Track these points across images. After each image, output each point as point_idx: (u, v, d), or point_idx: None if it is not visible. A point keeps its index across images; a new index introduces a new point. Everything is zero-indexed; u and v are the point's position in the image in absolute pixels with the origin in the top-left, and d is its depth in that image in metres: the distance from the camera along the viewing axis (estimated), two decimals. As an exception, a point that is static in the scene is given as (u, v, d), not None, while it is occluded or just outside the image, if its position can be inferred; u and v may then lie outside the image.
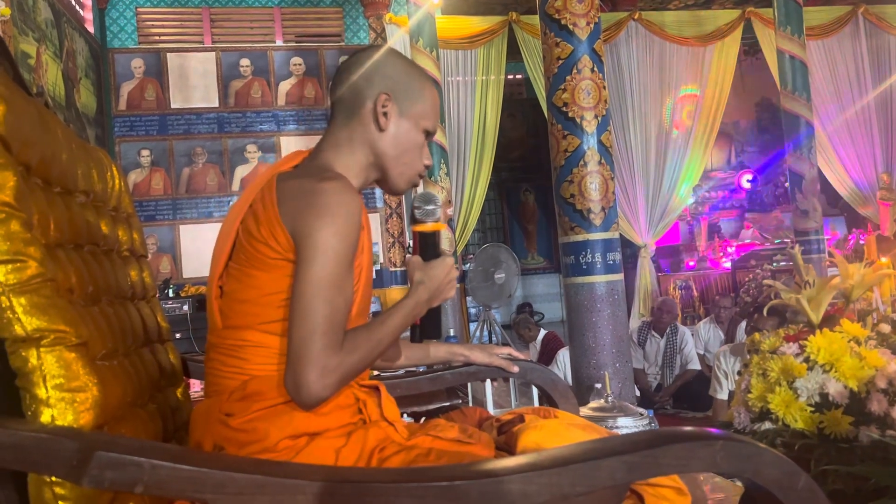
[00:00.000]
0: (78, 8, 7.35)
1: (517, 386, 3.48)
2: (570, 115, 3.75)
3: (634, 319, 6.61)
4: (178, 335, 5.42)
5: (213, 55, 8.24)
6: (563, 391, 1.62)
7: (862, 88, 7.79)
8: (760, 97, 10.65)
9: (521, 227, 11.91)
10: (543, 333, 6.33)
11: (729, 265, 7.92)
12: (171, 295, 6.30)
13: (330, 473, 0.79)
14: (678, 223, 8.59)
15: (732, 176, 10.24)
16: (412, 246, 1.31)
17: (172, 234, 7.99)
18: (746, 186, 10.11)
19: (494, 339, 6.49)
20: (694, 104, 7.50)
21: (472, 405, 2.38)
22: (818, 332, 1.40)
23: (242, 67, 8.28)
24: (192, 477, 0.73)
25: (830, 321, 1.51)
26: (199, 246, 7.67)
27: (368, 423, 1.12)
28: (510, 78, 9.19)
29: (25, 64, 5.60)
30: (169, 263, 7.87)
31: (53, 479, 0.78)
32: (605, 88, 3.80)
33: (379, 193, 8.50)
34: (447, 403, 2.63)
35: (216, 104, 8.20)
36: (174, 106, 8.10)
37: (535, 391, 2.71)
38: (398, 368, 1.55)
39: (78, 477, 0.70)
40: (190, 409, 1.38)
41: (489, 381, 2.76)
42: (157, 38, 8.18)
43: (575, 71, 3.72)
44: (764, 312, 1.70)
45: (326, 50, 8.35)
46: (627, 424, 2.06)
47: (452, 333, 5.46)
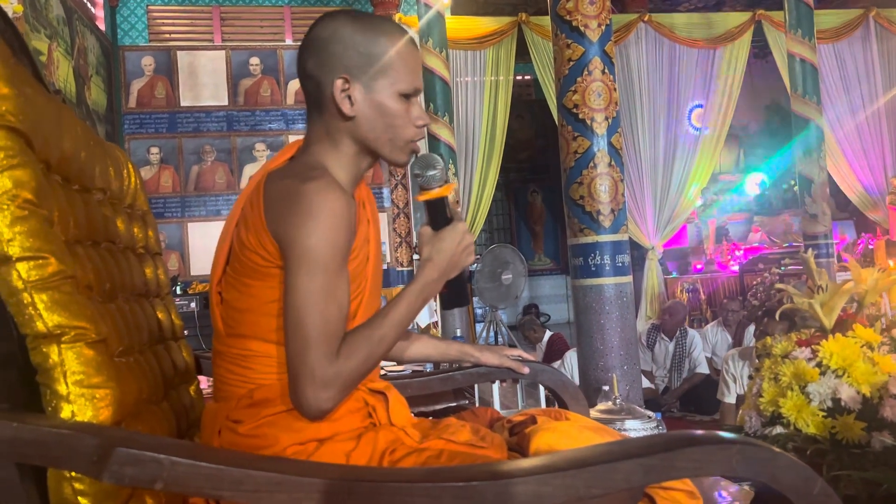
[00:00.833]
0: (89, 5, 7.38)
1: (524, 387, 3.48)
2: (580, 116, 3.75)
3: (641, 322, 6.59)
4: (185, 332, 5.43)
5: (222, 53, 8.27)
6: (573, 393, 1.61)
7: (872, 92, 7.75)
8: (770, 100, 10.61)
9: (528, 228, 11.90)
10: (549, 335, 6.32)
11: (737, 268, 7.89)
12: (178, 292, 6.33)
13: (346, 472, 0.79)
14: (686, 226, 8.56)
15: (741, 179, 10.21)
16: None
17: (181, 231, 8.02)
18: (755, 189, 10.07)
19: (501, 339, 6.49)
20: (703, 106, 7.47)
21: (478, 406, 2.38)
22: (831, 336, 1.40)
23: (252, 66, 8.30)
24: (210, 474, 0.73)
25: (842, 326, 1.51)
26: (207, 244, 7.68)
27: (379, 426, 1.11)
28: (519, 79, 9.19)
29: (37, 61, 5.63)
30: (177, 261, 7.90)
31: (73, 474, 0.78)
32: (615, 90, 3.80)
33: (386, 193, 8.51)
34: (454, 404, 2.64)
35: (226, 102, 8.23)
36: (184, 104, 8.13)
37: (541, 392, 2.71)
38: (410, 361, 1.54)
39: (98, 472, 0.71)
40: (203, 406, 1.39)
41: (497, 382, 2.76)
42: (167, 35, 8.21)
43: (586, 72, 3.72)
44: (776, 316, 1.70)
45: (336, 49, 8.35)
46: (635, 427, 2.05)
47: (459, 333, 5.46)
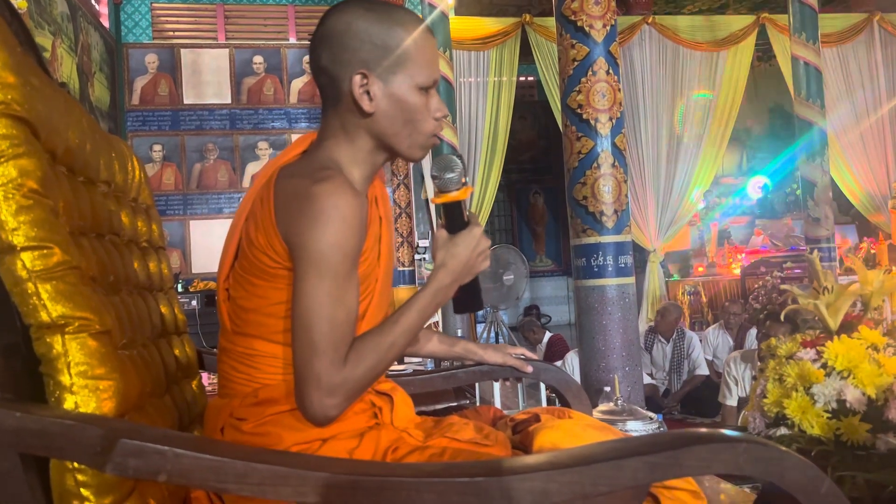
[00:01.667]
0: (93, 2, 7.39)
1: (525, 387, 3.48)
2: (584, 116, 3.74)
3: (642, 325, 6.58)
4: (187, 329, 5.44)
5: (226, 52, 8.28)
6: (576, 392, 1.61)
7: (876, 96, 7.74)
8: (773, 103, 10.61)
9: (529, 229, 11.90)
10: (549, 336, 6.33)
11: (738, 271, 7.88)
12: (180, 290, 6.33)
13: (352, 467, 0.79)
14: (688, 228, 8.55)
15: (743, 182, 10.20)
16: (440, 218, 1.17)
17: (183, 229, 8.02)
18: (757, 193, 10.07)
19: (501, 340, 6.49)
20: (706, 109, 7.47)
21: (480, 405, 2.37)
22: (836, 338, 1.40)
23: (255, 64, 8.31)
24: (214, 466, 0.73)
25: (847, 328, 1.50)
26: (208, 241, 7.71)
27: (382, 425, 1.11)
28: (522, 80, 9.19)
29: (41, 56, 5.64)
30: (179, 258, 7.91)
31: (76, 465, 0.78)
32: (619, 91, 3.79)
33: (389, 192, 8.50)
34: (454, 403, 2.63)
35: (229, 100, 8.23)
36: (187, 101, 8.13)
37: (542, 393, 2.71)
38: (416, 356, 1.53)
39: (102, 464, 0.71)
40: (205, 402, 1.38)
41: (498, 381, 2.76)
42: (171, 33, 8.21)
43: (590, 73, 3.71)
44: (781, 317, 1.69)
45: (339, 48, 8.36)
46: (637, 428, 2.05)
47: (460, 334, 5.45)
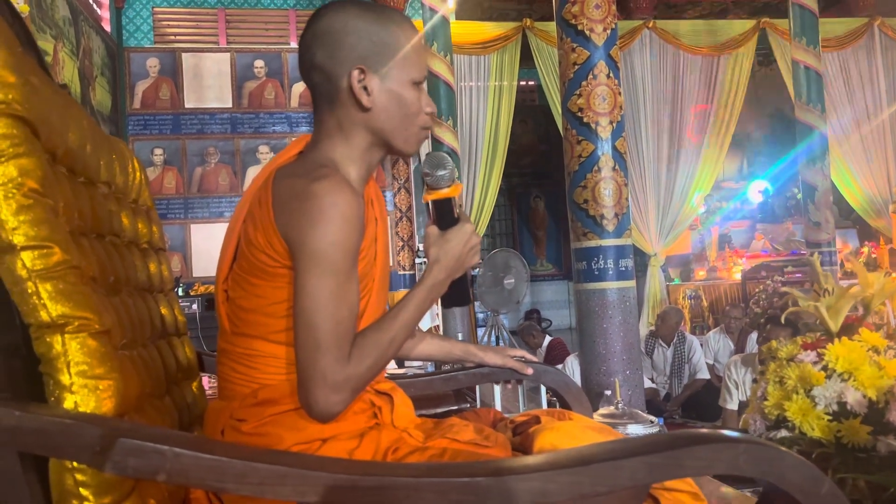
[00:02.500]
0: (95, 7, 7.41)
1: (526, 390, 3.48)
2: (584, 120, 3.75)
3: (643, 329, 6.58)
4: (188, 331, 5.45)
5: (227, 56, 8.29)
6: (576, 394, 1.61)
7: (876, 101, 7.75)
8: (774, 108, 10.62)
9: (530, 233, 11.91)
10: (549, 340, 6.32)
11: (739, 276, 7.88)
12: (180, 294, 6.33)
13: (352, 466, 0.79)
14: (689, 232, 8.55)
15: (744, 186, 10.20)
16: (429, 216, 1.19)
17: (183, 232, 8.03)
18: (758, 197, 10.06)
19: (502, 344, 6.48)
20: (706, 113, 7.48)
21: (479, 408, 2.37)
22: (836, 340, 1.39)
23: (256, 68, 8.32)
24: (214, 466, 0.73)
25: (848, 330, 1.50)
26: (209, 245, 7.71)
27: (383, 425, 1.11)
28: (522, 84, 9.20)
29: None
30: (179, 262, 7.91)
31: (75, 464, 0.78)
32: (620, 94, 3.80)
33: (389, 196, 8.51)
34: (455, 407, 2.63)
35: (230, 105, 8.24)
36: (188, 106, 8.15)
37: (543, 396, 2.70)
38: (416, 359, 1.53)
39: (101, 463, 0.70)
40: (205, 403, 1.38)
41: (498, 384, 2.76)
42: (172, 37, 8.23)
43: (591, 76, 3.72)
44: (782, 319, 1.69)
45: (340, 53, 8.38)
46: (638, 432, 2.05)
47: (461, 338, 5.45)
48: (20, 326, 0.83)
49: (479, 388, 2.82)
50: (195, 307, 5.97)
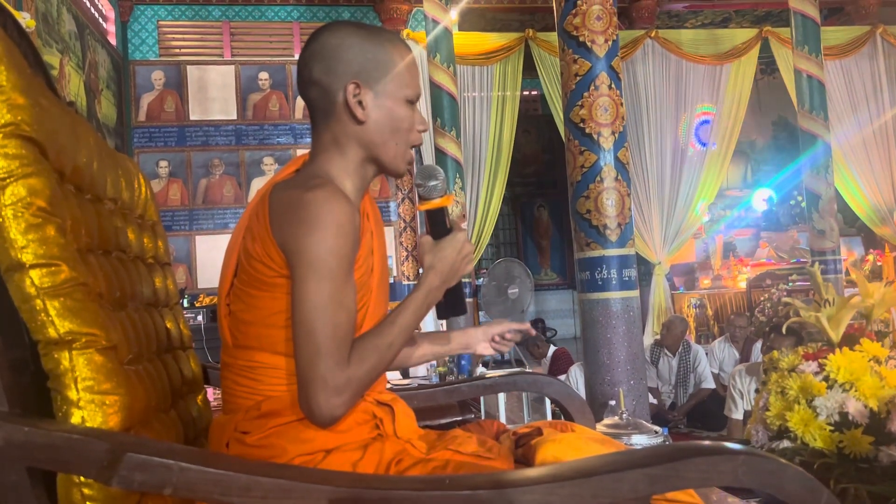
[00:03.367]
0: (101, 20, 7.47)
1: (530, 402, 3.48)
2: (587, 131, 3.76)
3: (648, 338, 6.57)
4: (192, 344, 5.46)
5: (232, 68, 8.35)
6: (579, 406, 1.61)
7: (879, 108, 7.75)
8: (777, 116, 10.62)
9: (534, 242, 11.91)
10: (553, 350, 6.31)
11: (744, 284, 7.87)
12: (185, 305, 6.34)
13: (355, 480, 0.79)
14: (693, 241, 8.54)
15: (748, 194, 10.19)
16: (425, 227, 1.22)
17: (188, 244, 8.06)
18: (762, 205, 10.05)
19: (507, 356, 6.47)
20: (710, 122, 7.49)
21: (484, 419, 2.37)
22: (838, 350, 1.40)
23: (261, 81, 8.37)
24: (219, 480, 0.74)
25: (849, 340, 1.50)
26: (214, 257, 7.72)
27: (385, 437, 1.11)
28: (525, 94, 9.22)
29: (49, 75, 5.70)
30: (185, 274, 7.94)
31: (82, 479, 0.79)
32: (622, 105, 3.81)
33: (393, 207, 8.54)
34: (459, 418, 2.63)
35: (234, 117, 8.29)
36: (193, 118, 8.20)
37: (548, 407, 2.71)
38: (416, 364, 1.53)
39: (108, 478, 0.72)
40: (210, 417, 1.39)
41: (502, 395, 2.76)
42: (177, 50, 8.29)
43: (592, 87, 3.74)
44: (783, 330, 1.70)
45: (344, 64, 8.42)
46: (642, 442, 2.05)
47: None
48: (29, 343, 0.84)
49: (482, 398, 2.83)
50: (200, 318, 5.98)
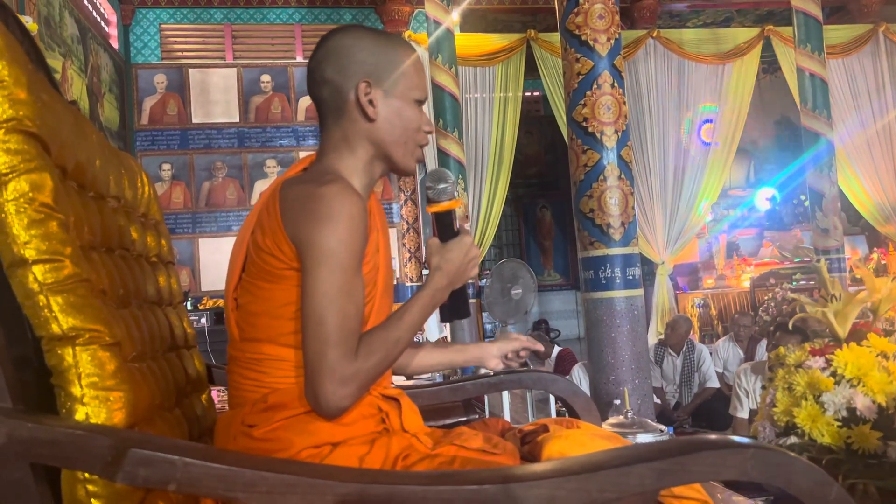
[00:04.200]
0: (103, 24, 7.49)
1: (535, 401, 3.46)
2: (589, 129, 3.76)
3: (652, 338, 6.55)
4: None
5: (234, 71, 8.36)
6: (584, 403, 1.61)
7: (882, 107, 7.73)
8: (780, 115, 10.60)
9: (537, 243, 11.89)
10: (558, 350, 6.30)
11: (748, 283, 7.85)
12: (189, 308, 6.35)
13: (360, 475, 0.79)
14: (696, 241, 8.52)
15: (751, 193, 10.16)
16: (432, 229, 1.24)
17: (192, 247, 8.07)
18: (766, 204, 10.03)
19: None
20: (712, 121, 7.48)
21: (488, 418, 2.36)
22: (845, 346, 1.39)
23: (263, 83, 8.38)
24: (223, 475, 0.73)
25: (856, 336, 1.49)
26: (217, 259, 7.74)
27: (392, 431, 1.11)
28: (528, 95, 9.22)
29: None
30: (188, 276, 7.94)
31: (86, 475, 0.78)
32: (625, 104, 3.81)
33: (396, 208, 8.54)
34: (464, 418, 2.63)
35: (237, 119, 8.30)
36: (195, 121, 8.21)
37: (552, 406, 2.69)
38: (417, 373, 1.52)
39: (112, 473, 0.71)
40: (214, 415, 1.39)
41: (507, 395, 2.75)
42: (179, 53, 8.31)
43: (595, 86, 3.73)
44: (790, 326, 1.69)
45: (346, 66, 8.43)
46: (648, 441, 2.04)
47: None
48: (32, 339, 0.84)
49: (487, 397, 2.82)
50: (204, 321, 5.98)
